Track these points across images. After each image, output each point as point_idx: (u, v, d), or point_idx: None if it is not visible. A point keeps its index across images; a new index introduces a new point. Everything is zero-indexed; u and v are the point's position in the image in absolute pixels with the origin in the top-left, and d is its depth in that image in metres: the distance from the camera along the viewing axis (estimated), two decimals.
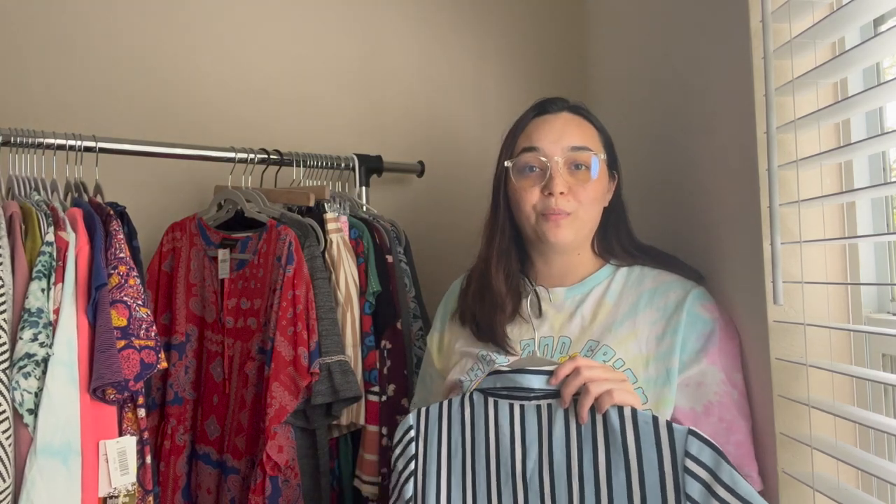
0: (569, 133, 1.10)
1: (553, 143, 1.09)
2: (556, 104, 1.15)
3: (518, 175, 1.12)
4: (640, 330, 1.06)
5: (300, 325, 1.36)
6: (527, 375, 0.92)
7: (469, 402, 0.97)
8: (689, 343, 1.04)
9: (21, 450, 1.00)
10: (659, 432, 0.83)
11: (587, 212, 1.10)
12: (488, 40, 1.98)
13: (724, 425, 1.01)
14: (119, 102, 1.72)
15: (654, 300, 1.08)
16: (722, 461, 0.80)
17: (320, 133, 1.85)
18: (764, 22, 0.98)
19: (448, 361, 1.20)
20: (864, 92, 0.87)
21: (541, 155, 1.09)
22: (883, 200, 1.01)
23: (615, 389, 0.87)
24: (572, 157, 1.09)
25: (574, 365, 0.89)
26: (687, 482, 0.80)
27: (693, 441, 0.81)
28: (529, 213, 1.11)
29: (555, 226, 1.08)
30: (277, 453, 1.34)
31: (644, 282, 1.12)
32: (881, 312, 1.01)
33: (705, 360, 1.03)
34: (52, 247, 1.11)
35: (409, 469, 0.97)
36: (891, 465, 0.88)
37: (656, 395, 1.01)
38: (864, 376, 0.90)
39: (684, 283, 1.11)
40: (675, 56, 1.30)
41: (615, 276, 1.14)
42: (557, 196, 1.07)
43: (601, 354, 1.04)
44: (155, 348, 1.14)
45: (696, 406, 1.02)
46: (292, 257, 1.38)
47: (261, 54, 1.84)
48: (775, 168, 0.98)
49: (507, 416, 0.93)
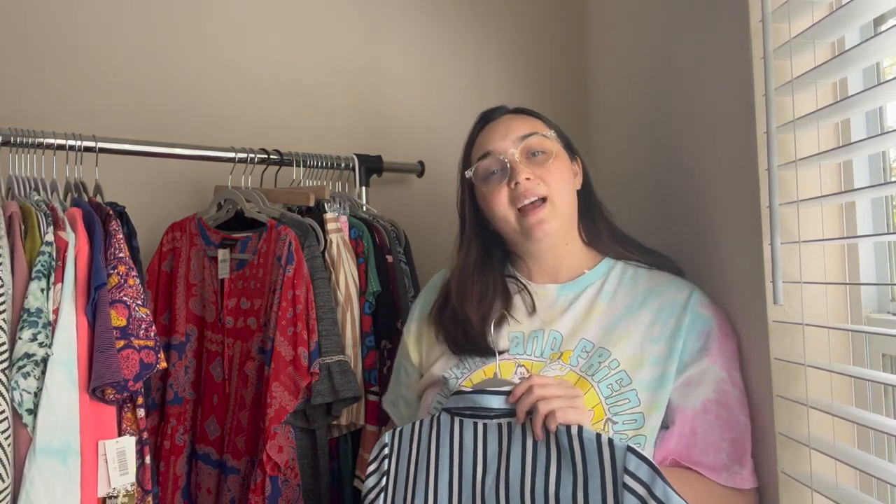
0: (514, 127, 1.13)
1: (502, 140, 1.11)
2: (497, 111, 1.19)
3: (483, 183, 1.12)
4: (636, 332, 1.05)
5: (300, 325, 1.36)
6: (486, 396, 0.95)
7: (437, 423, 1.00)
8: (690, 343, 1.03)
9: (20, 450, 1.00)
10: (601, 449, 0.86)
11: (560, 194, 1.09)
12: (488, 40, 1.98)
13: (720, 423, 1.01)
14: (119, 102, 1.72)
15: (648, 302, 1.08)
16: (657, 477, 0.82)
17: (320, 133, 1.85)
18: (763, 21, 0.98)
19: (431, 354, 1.17)
20: (863, 92, 0.87)
21: (496, 155, 1.11)
22: (883, 200, 1.01)
23: (559, 409, 0.89)
24: (525, 145, 1.11)
25: (528, 384, 0.92)
26: (626, 498, 0.82)
27: (631, 458, 0.83)
28: (508, 215, 1.10)
29: (537, 220, 1.08)
30: (277, 453, 1.34)
31: (638, 283, 1.11)
32: (881, 312, 1.01)
33: (707, 359, 1.02)
34: (52, 247, 1.11)
35: (380, 486, 1.00)
36: (890, 465, 0.88)
37: (649, 398, 1.00)
38: (863, 376, 0.90)
39: (679, 284, 1.10)
40: (674, 56, 1.30)
41: (609, 276, 1.13)
42: (524, 182, 1.08)
43: (597, 356, 1.04)
44: (154, 348, 1.14)
45: (696, 404, 1.01)
46: (292, 257, 1.38)
47: (261, 54, 1.84)
48: (775, 168, 0.98)
49: (471, 434, 0.96)
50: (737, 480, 1.00)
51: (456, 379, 1.08)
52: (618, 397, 1.00)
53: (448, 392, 1.07)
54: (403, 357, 1.23)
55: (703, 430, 1.00)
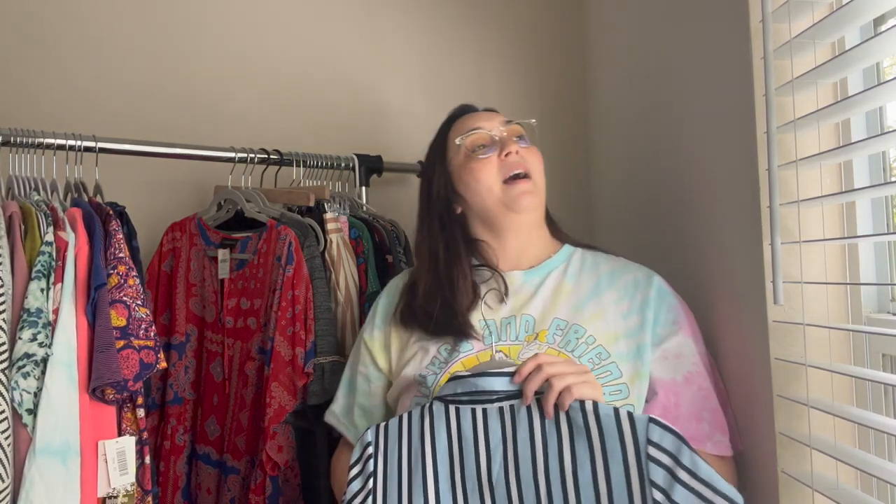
0: (496, 116, 1.19)
1: (488, 122, 1.16)
2: (471, 107, 1.24)
3: (468, 156, 1.15)
4: (606, 308, 1.08)
5: (299, 325, 1.36)
6: (488, 378, 0.91)
7: (429, 413, 0.94)
8: (662, 315, 1.07)
9: (20, 450, 1.00)
10: (621, 424, 0.84)
11: (540, 177, 1.14)
12: (488, 40, 1.98)
13: (703, 394, 1.05)
14: (119, 102, 1.71)
15: (614, 281, 1.12)
16: (683, 445, 0.81)
17: (320, 133, 1.85)
18: (764, 22, 0.98)
19: (402, 356, 1.15)
20: (864, 92, 0.87)
21: (486, 131, 1.15)
22: (883, 200, 1.01)
23: (575, 384, 0.88)
24: (510, 129, 1.16)
25: (536, 362, 0.90)
26: (651, 469, 0.81)
27: (654, 428, 0.82)
28: (493, 185, 1.12)
29: (522, 190, 1.11)
30: (277, 453, 1.34)
31: (600, 265, 1.15)
32: (881, 312, 1.01)
33: (681, 332, 1.07)
34: (52, 247, 1.11)
35: (367, 488, 0.93)
36: (890, 465, 0.88)
37: (630, 369, 1.03)
38: (863, 376, 0.90)
39: (637, 266, 1.16)
40: (674, 56, 1.30)
41: (571, 260, 1.16)
42: (515, 154, 1.12)
43: (573, 333, 1.06)
44: (154, 348, 1.14)
45: (677, 376, 1.05)
46: (292, 257, 1.38)
47: (261, 54, 1.83)
48: (775, 168, 0.98)
49: (469, 421, 0.91)
50: (721, 448, 1.03)
51: (434, 375, 1.07)
52: (600, 370, 1.02)
53: (427, 391, 1.06)
54: (364, 364, 1.20)
55: (687, 402, 1.04)
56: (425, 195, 1.21)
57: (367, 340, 1.20)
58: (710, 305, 1.18)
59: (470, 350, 1.08)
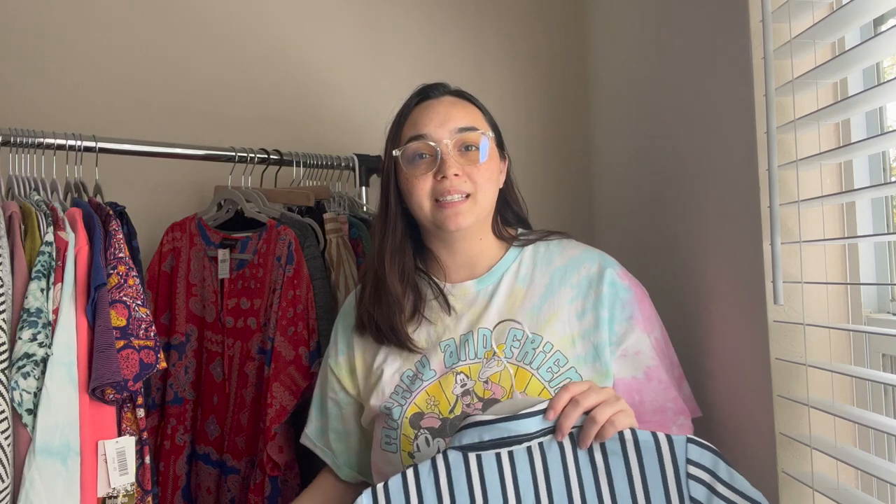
0: (454, 115, 1.08)
1: (439, 127, 1.06)
2: (437, 89, 1.13)
3: (408, 164, 1.08)
4: (560, 309, 1.07)
5: (300, 325, 1.36)
6: (521, 421, 0.85)
7: (444, 467, 0.85)
8: (617, 312, 1.06)
9: (20, 450, 1.00)
10: (660, 447, 0.83)
11: (485, 194, 1.07)
12: (488, 40, 1.98)
13: (663, 386, 1.06)
14: (119, 102, 1.72)
15: (566, 278, 1.09)
16: (719, 461, 0.82)
17: (320, 133, 1.85)
18: (764, 22, 0.98)
19: (368, 381, 1.12)
20: (864, 92, 0.87)
21: (429, 140, 1.06)
22: (883, 200, 1.01)
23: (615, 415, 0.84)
24: (460, 138, 1.06)
25: (569, 395, 0.85)
26: (691, 487, 0.82)
27: (693, 448, 0.83)
28: (423, 202, 1.07)
29: (453, 212, 1.05)
30: (278, 453, 1.34)
31: (553, 260, 1.11)
32: (881, 312, 1.01)
33: (637, 327, 1.06)
34: (52, 247, 1.11)
35: None
36: (890, 465, 0.88)
37: (589, 371, 1.03)
38: (863, 376, 0.90)
39: (589, 255, 1.11)
40: (674, 56, 1.30)
41: (522, 257, 1.12)
42: (452, 178, 1.04)
43: (529, 344, 1.04)
44: (154, 348, 1.14)
45: (637, 374, 1.05)
46: (292, 257, 1.38)
47: (261, 54, 1.84)
48: (775, 168, 0.98)
49: (494, 468, 0.84)
50: (685, 431, 1.04)
51: (400, 407, 1.05)
52: (559, 379, 1.02)
53: (395, 423, 1.04)
54: (334, 391, 1.17)
55: (651, 397, 1.05)
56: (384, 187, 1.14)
57: (334, 368, 1.16)
58: (710, 305, 1.18)
59: (433, 377, 1.06)
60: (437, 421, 1.04)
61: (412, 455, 1.04)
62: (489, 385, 1.04)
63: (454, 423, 1.03)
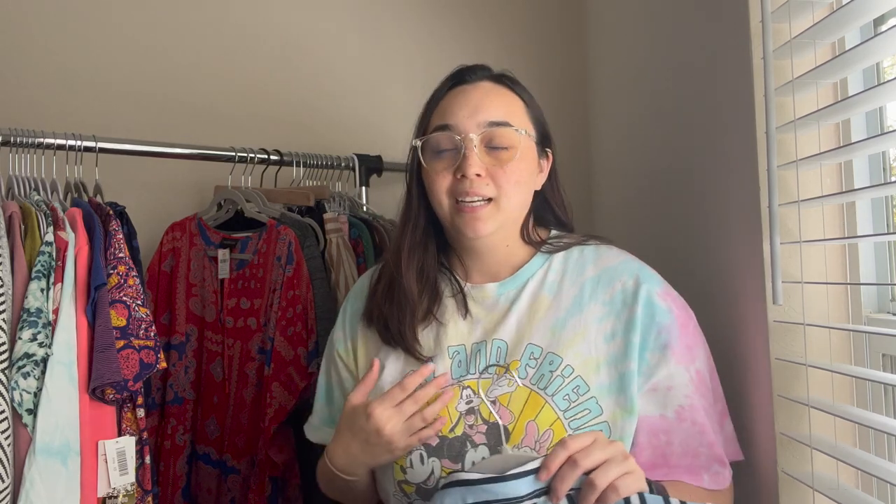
0: (486, 106, 0.97)
1: (467, 119, 0.96)
2: (475, 73, 1.03)
3: (430, 157, 0.98)
4: (587, 328, 0.94)
5: (300, 325, 1.36)
6: (510, 483, 0.75)
7: None
8: (651, 339, 0.93)
9: (20, 450, 1.00)
10: None
11: (510, 199, 0.95)
12: (488, 41, 1.98)
13: (697, 428, 0.93)
14: (119, 102, 1.72)
15: (597, 292, 0.97)
16: None
17: (320, 133, 1.85)
18: (764, 22, 0.98)
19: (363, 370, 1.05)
20: (864, 92, 0.87)
21: (454, 133, 0.95)
22: (883, 200, 1.01)
23: (619, 479, 0.75)
24: (489, 134, 0.95)
25: (566, 452, 0.75)
26: None
27: None
28: (443, 201, 0.97)
29: (472, 217, 0.94)
30: (277, 453, 1.34)
31: (585, 269, 0.99)
32: (881, 312, 1.01)
33: (672, 359, 0.92)
34: (52, 247, 1.11)
35: None
36: (890, 465, 0.88)
37: (611, 404, 0.91)
38: (863, 376, 0.90)
39: (629, 266, 0.99)
40: (674, 56, 1.30)
41: (551, 263, 1.01)
42: (472, 179, 0.94)
43: (547, 364, 0.93)
44: (154, 348, 1.14)
45: (667, 412, 0.92)
46: (292, 257, 1.38)
47: (261, 54, 1.84)
48: (775, 168, 0.98)
49: None
50: (719, 480, 0.93)
51: None
52: (577, 409, 0.91)
53: None
54: (340, 376, 1.09)
55: (680, 439, 0.92)
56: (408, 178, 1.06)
57: (342, 353, 1.08)
58: (710, 305, 1.18)
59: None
60: (436, 438, 0.93)
61: (404, 470, 0.94)
62: (497, 407, 0.93)
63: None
